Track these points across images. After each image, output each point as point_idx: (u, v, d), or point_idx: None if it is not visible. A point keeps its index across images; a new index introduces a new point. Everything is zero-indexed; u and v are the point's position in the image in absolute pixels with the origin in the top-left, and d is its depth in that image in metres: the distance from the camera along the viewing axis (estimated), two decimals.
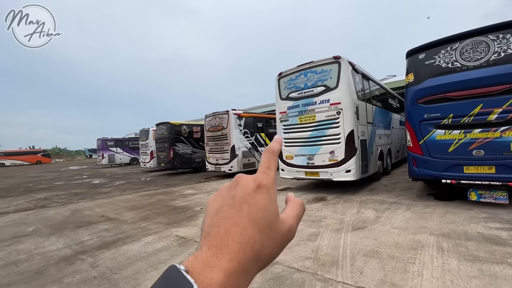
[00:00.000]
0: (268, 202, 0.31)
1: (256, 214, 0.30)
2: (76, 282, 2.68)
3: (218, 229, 0.29)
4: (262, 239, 0.29)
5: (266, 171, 0.34)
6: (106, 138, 22.82)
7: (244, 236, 0.28)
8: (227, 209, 0.31)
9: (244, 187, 0.32)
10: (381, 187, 6.62)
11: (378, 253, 2.89)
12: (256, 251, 0.29)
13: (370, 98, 7.00)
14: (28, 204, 7.24)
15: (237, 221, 0.29)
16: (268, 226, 0.30)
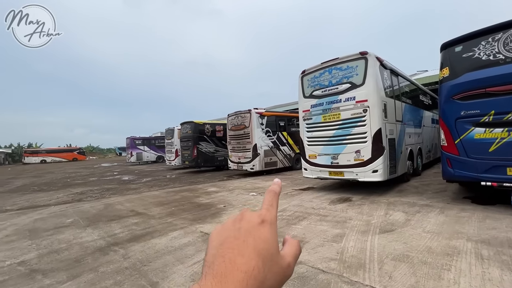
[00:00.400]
0: (270, 236, 0.33)
1: (260, 246, 0.32)
2: (110, 272, 2.85)
3: (223, 258, 0.30)
4: (265, 270, 0.30)
5: (269, 209, 0.37)
6: (134, 137, 24.01)
7: (249, 266, 0.29)
8: (233, 241, 0.32)
9: (249, 220, 0.34)
10: (411, 188, 6.28)
11: (409, 258, 2.74)
12: (259, 281, 0.29)
13: (399, 95, 6.66)
14: (66, 198, 7.84)
15: (242, 251, 0.31)
16: (271, 258, 0.32)
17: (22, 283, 2.69)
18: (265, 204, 0.37)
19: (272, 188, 0.40)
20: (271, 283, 0.31)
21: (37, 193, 9.29)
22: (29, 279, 2.76)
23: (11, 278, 2.82)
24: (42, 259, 3.27)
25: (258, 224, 0.34)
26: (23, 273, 2.92)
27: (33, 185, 11.69)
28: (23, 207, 6.77)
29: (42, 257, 3.33)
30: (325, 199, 5.74)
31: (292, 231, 3.78)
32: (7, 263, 3.22)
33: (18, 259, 3.33)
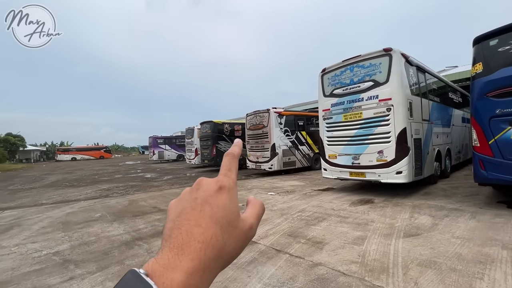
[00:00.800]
0: (229, 202, 0.32)
1: (217, 214, 0.31)
2: (135, 265, 2.98)
3: (179, 230, 0.29)
4: (224, 237, 0.30)
5: (227, 174, 0.35)
6: (156, 136, 24.88)
7: (206, 236, 0.29)
8: (189, 211, 0.31)
9: (206, 189, 0.33)
10: (438, 191, 5.96)
11: (436, 264, 2.61)
12: (218, 249, 0.29)
13: (426, 93, 6.33)
14: (94, 193, 8.31)
15: (199, 221, 0.30)
16: (229, 224, 0.31)
17: (57, 272, 2.89)
18: (223, 169, 0.36)
19: (231, 151, 0.38)
20: (231, 248, 0.31)
21: (68, 188, 9.93)
22: (63, 269, 2.96)
23: (47, 266, 3.04)
24: (74, 250, 3.49)
25: (215, 191, 0.33)
26: (58, 263, 3.13)
27: (65, 181, 12.51)
28: (56, 201, 7.26)
29: (74, 249, 3.56)
30: (346, 200, 5.60)
31: (311, 232, 3.73)
32: (43, 252, 3.48)
33: (53, 249, 3.58)
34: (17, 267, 3.06)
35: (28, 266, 3.07)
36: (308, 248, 3.20)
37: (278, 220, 4.38)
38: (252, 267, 2.79)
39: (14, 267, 3.06)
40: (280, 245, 3.32)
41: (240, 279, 2.55)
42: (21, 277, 2.80)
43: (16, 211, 6.26)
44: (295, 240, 3.48)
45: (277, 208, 5.19)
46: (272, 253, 3.12)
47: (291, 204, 5.47)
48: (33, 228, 4.64)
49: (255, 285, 2.43)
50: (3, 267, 3.09)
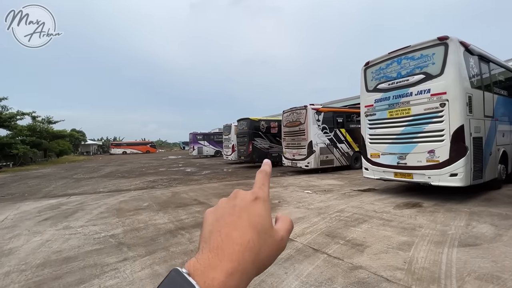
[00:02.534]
0: (264, 211, 0.34)
1: (254, 220, 0.33)
2: (178, 252, 3.20)
3: (219, 233, 0.31)
4: (260, 243, 0.31)
5: (262, 187, 0.37)
6: (196, 133, 26.14)
7: (244, 239, 0.30)
8: (228, 217, 0.33)
9: (243, 198, 0.35)
10: (502, 197, 5.22)
11: (500, 280, 2.30)
12: (254, 253, 0.30)
13: (490, 85, 5.57)
14: (142, 185, 9.08)
15: (238, 225, 0.32)
16: (265, 232, 0.33)
17: (114, 252, 3.24)
18: (257, 184, 0.38)
19: (263, 169, 0.40)
20: (265, 255, 0.32)
21: (120, 179, 11.03)
22: (118, 250, 3.32)
23: (105, 247, 3.43)
24: (127, 235, 3.88)
25: (252, 201, 0.35)
26: (113, 244, 3.51)
27: (117, 172, 13.90)
28: (111, 190, 8.12)
29: (126, 233, 3.95)
30: (389, 202, 5.24)
31: (350, 233, 3.58)
32: (102, 234, 3.93)
33: (110, 232, 4.03)
34: (82, 246, 3.51)
35: (90, 246, 3.50)
36: (348, 249, 3.08)
37: (315, 219, 4.29)
38: (289, 264, 2.78)
39: (79, 245, 3.52)
40: (318, 245, 3.25)
41: (277, 274, 2.57)
42: (85, 255, 3.21)
43: (80, 197, 7.16)
44: (333, 240, 3.38)
45: (314, 207, 5.08)
46: (309, 251, 3.07)
47: (328, 204, 5.30)
48: (93, 213, 5.26)
49: (292, 282, 2.43)
50: (72, 244, 3.57)
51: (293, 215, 4.60)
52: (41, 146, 24.57)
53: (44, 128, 26.79)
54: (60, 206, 6.01)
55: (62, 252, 3.30)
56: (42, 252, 3.33)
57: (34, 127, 24.98)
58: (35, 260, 3.11)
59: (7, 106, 20.57)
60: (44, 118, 27.56)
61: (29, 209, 5.83)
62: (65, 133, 32.22)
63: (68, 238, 3.83)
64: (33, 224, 4.61)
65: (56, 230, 4.24)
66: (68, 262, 3.01)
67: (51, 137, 28.56)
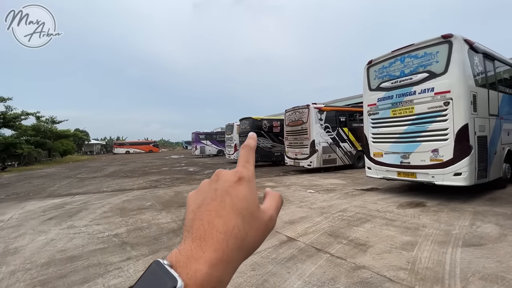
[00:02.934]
0: (249, 193, 0.32)
1: (238, 204, 0.30)
2: None
3: (201, 221, 0.29)
4: (245, 228, 0.30)
5: (246, 165, 0.35)
6: (198, 132, 26.21)
7: (228, 226, 0.29)
8: (210, 202, 0.31)
9: (225, 180, 0.33)
10: (507, 197, 5.17)
11: (505, 280, 2.28)
12: (240, 240, 0.29)
13: (495, 83, 5.51)
14: (145, 184, 9.13)
15: (220, 212, 0.30)
16: (250, 215, 0.31)
17: (117, 252, 3.26)
18: (241, 161, 0.36)
19: (247, 143, 0.38)
20: (252, 239, 0.30)
21: (123, 178, 11.09)
22: (121, 249, 3.34)
23: (109, 246, 3.46)
24: (130, 234, 3.90)
25: (235, 182, 0.32)
26: (117, 244, 3.54)
27: (120, 172, 13.99)
28: (114, 190, 8.18)
29: (130, 232, 3.97)
30: (392, 202, 5.22)
31: (353, 233, 3.57)
32: (106, 234, 3.96)
33: (113, 231, 4.05)
34: (86, 245, 3.54)
35: (94, 245, 3.53)
36: (350, 249, 3.07)
37: (317, 219, 4.28)
38: (291, 263, 2.78)
39: (83, 244, 3.55)
40: (320, 244, 3.25)
41: (280, 274, 2.57)
42: (89, 254, 3.24)
43: (83, 196, 7.22)
44: (336, 240, 3.37)
45: (317, 207, 5.07)
46: (312, 251, 3.07)
47: (331, 203, 5.29)
48: (97, 212, 5.30)
49: (295, 281, 2.43)
50: (76, 243, 3.60)
51: (296, 214, 4.59)
52: (45, 146, 24.80)
53: (48, 128, 27.03)
54: (65, 206, 6.06)
55: (67, 251, 3.33)
56: (47, 251, 3.36)
57: (38, 127, 25.22)
58: (40, 259, 3.14)
59: (11, 106, 20.79)
60: (48, 118, 27.80)
61: (33, 209, 5.89)
62: (68, 133, 32.48)
63: (72, 237, 3.86)
64: (37, 224, 4.66)
65: (60, 229, 4.28)
66: (73, 261, 3.04)
67: (55, 137, 28.81)
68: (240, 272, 2.62)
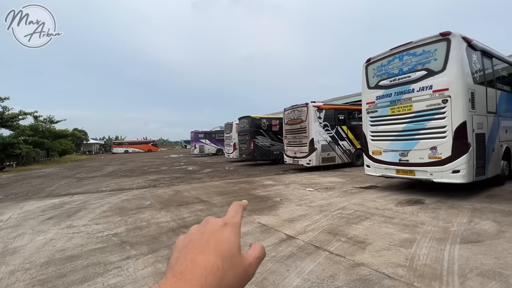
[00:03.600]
0: (232, 237, 0.35)
1: (220, 246, 0.33)
2: None
3: (184, 258, 0.32)
4: (225, 267, 0.31)
5: (234, 215, 0.39)
6: (197, 131, 26.17)
7: (208, 263, 0.31)
8: (196, 242, 0.34)
9: (213, 224, 0.36)
10: (505, 194, 5.20)
11: (503, 276, 2.30)
12: (218, 278, 0.30)
13: (493, 81, 5.52)
14: (144, 183, 9.12)
15: (203, 250, 0.32)
16: (231, 256, 0.33)
17: (117, 251, 3.26)
18: (230, 212, 0.39)
19: (240, 203, 0.42)
20: (230, 280, 0.31)
21: (122, 178, 11.08)
22: (121, 249, 3.34)
23: (108, 245, 3.46)
24: (129, 233, 3.90)
25: (221, 226, 0.36)
26: (116, 243, 3.54)
27: (119, 171, 13.96)
28: (113, 189, 8.17)
29: (129, 232, 3.97)
30: (391, 199, 5.23)
31: (352, 231, 3.58)
32: (105, 233, 3.96)
33: (112, 231, 4.05)
34: (85, 244, 3.54)
35: (93, 244, 3.52)
36: (349, 247, 3.08)
37: (317, 217, 4.30)
38: (290, 261, 2.79)
39: (83, 244, 3.55)
40: (319, 242, 3.26)
41: (279, 272, 2.58)
42: (89, 253, 3.24)
43: (82, 196, 7.21)
44: (335, 238, 3.38)
45: (316, 205, 5.08)
46: (311, 249, 3.08)
47: (330, 201, 5.30)
48: (96, 212, 5.30)
49: (294, 279, 2.44)
50: (75, 243, 3.60)
51: (295, 212, 4.61)
52: (44, 145, 24.71)
53: (47, 127, 26.94)
54: (63, 205, 6.06)
55: (66, 251, 3.33)
56: (46, 251, 3.36)
57: (36, 126, 25.14)
58: (39, 258, 3.14)
59: (8, 107, 20.69)
60: (46, 118, 27.71)
61: (32, 208, 5.88)
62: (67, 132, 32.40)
63: (72, 237, 3.86)
64: (36, 223, 4.66)
65: (59, 229, 4.28)
66: (72, 261, 3.04)
67: (53, 137, 28.72)
68: None
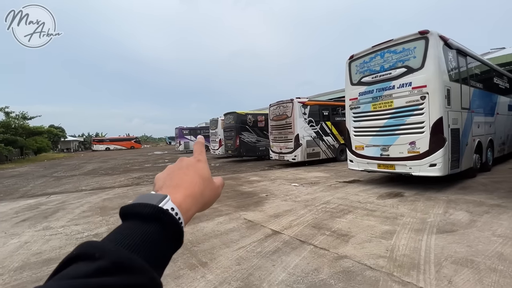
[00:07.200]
0: (205, 168, 0.46)
1: (199, 171, 0.44)
2: None
3: (173, 179, 0.41)
4: (204, 184, 0.43)
5: (201, 153, 0.48)
6: (182, 127, 25.69)
7: (193, 180, 0.42)
8: (178, 171, 0.43)
9: (188, 161, 0.46)
10: (477, 185, 5.52)
11: (474, 263, 2.44)
12: (201, 189, 0.42)
13: (467, 78, 5.80)
14: (127, 181, 8.86)
15: (187, 173, 0.43)
16: (207, 179, 0.44)
17: None
18: (196, 152, 0.48)
19: (199, 141, 0.52)
20: (208, 194, 0.44)
21: (104, 176, 10.70)
22: None
23: None
24: None
25: (195, 162, 0.46)
26: None
27: (100, 169, 13.48)
28: (94, 188, 7.87)
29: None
30: (373, 193, 5.41)
31: (336, 224, 3.67)
32: (85, 234, 3.81)
33: (93, 231, 3.91)
34: (63, 246, 3.39)
35: (72, 246, 3.37)
36: (333, 240, 3.16)
37: (302, 212, 4.36)
38: (276, 256, 2.82)
39: (61, 246, 3.40)
40: (304, 236, 3.31)
41: (265, 267, 2.60)
42: None
43: (60, 196, 6.90)
44: (319, 231, 3.45)
45: (301, 199, 5.16)
46: (296, 243, 3.12)
47: (315, 196, 5.40)
48: (75, 212, 5.09)
49: (280, 274, 2.47)
50: (52, 245, 3.44)
51: (281, 208, 4.65)
52: (17, 143, 23.31)
53: (20, 124, 25.40)
54: (39, 206, 5.77)
55: (43, 254, 3.18)
56: (21, 255, 3.19)
57: (8, 123, 23.61)
58: (13, 263, 2.98)
59: None
60: (19, 114, 26.08)
61: (5, 210, 5.55)
62: (42, 129, 30.67)
63: (49, 239, 3.69)
64: (10, 226, 4.40)
65: (35, 231, 4.07)
66: (49, 264, 2.90)
67: (27, 134, 27.13)
68: (226, 267, 2.63)
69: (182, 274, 2.56)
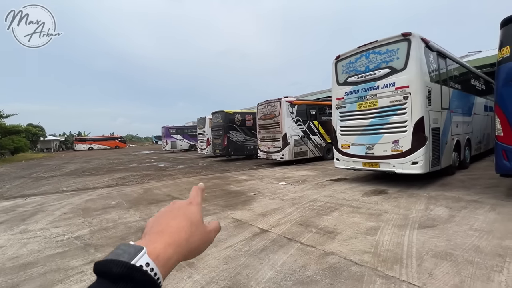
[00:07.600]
0: (197, 211, 0.45)
1: (188, 214, 0.43)
2: None
3: (160, 224, 0.41)
4: (192, 230, 0.41)
5: (196, 198, 0.48)
6: (169, 126, 25.25)
7: (179, 224, 0.41)
8: (168, 214, 0.43)
9: (180, 203, 0.46)
10: (456, 182, 5.77)
11: (452, 256, 2.55)
12: (188, 235, 0.40)
13: (446, 80, 6.03)
14: (111, 182, 8.61)
15: (175, 217, 0.42)
16: (196, 223, 0.43)
17: (79, 255, 3.04)
18: (191, 195, 0.48)
19: (197, 186, 0.51)
20: (196, 240, 0.41)
21: (86, 176, 10.34)
22: (84, 252, 3.12)
23: (70, 250, 3.21)
24: (94, 235, 3.66)
25: (187, 204, 0.46)
26: (79, 246, 3.30)
27: (83, 170, 13.02)
28: (76, 189, 7.59)
29: (94, 234, 3.73)
30: (358, 190, 5.53)
31: (323, 222, 3.73)
32: (66, 237, 3.67)
33: (75, 234, 3.77)
34: (42, 250, 3.25)
35: (52, 249, 3.25)
36: (320, 237, 3.20)
37: (289, 210, 4.40)
38: (264, 254, 2.83)
39: (39, 249, 3.25)
40: (292, 234, 3.34)
41: (252, 265, 2.60)
42: (47, 259, 2.98)
43: (39, 197, 6.61)
44: (306, 229, 3.49)
45: (289, 198, 5.20)
46: (284, 241, 3.14)
47: (302, 194, 5.46)
48: (56, 214, 4.89)
49: (267, 272, 2.47)
50: (30, 249, 3.29)
51: (269, 206, 4.67)
52: None
53: None
54: (16, 208, 5.50)
55: (19, 258, 3.03)
56: None
57: None
58: None
59: None
60: None
61: None
62: (19, 128, 29.22)
63: (26, 242, 3.52)
64: None
65: (11, 234, 3.88)
66: (27, 269, 2.77)
67: (3, 133, 25.77)
68: (213, 267, 2.61)
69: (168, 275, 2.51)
